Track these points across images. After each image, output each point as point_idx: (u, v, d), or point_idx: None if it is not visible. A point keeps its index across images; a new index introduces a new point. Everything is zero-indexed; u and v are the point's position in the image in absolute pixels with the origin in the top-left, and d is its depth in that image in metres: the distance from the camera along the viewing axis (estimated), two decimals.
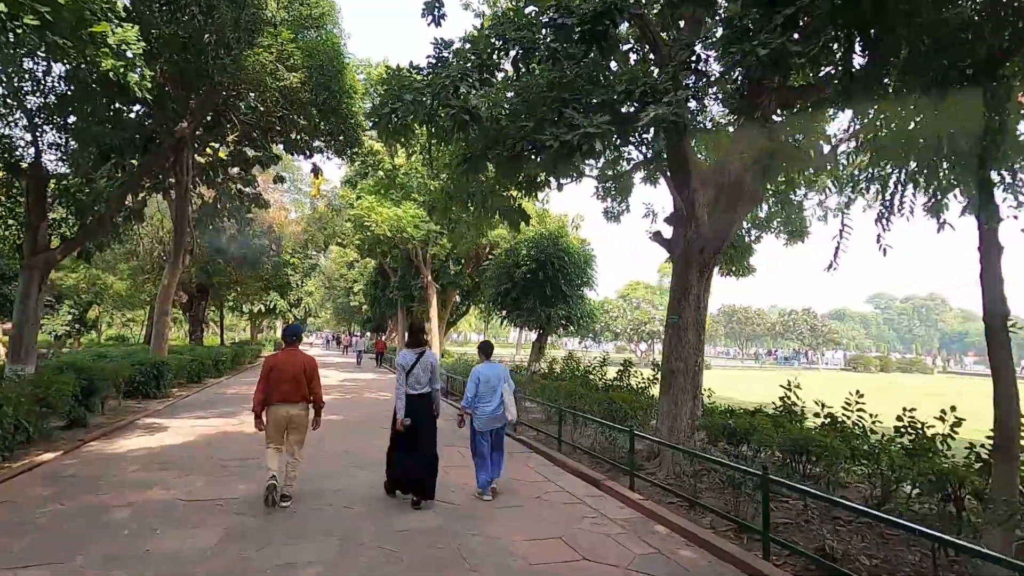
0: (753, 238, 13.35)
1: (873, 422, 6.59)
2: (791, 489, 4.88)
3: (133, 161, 15.49)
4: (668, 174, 9.19)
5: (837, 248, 6.61)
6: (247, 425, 9.83)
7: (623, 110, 7.76)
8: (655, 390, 11.46)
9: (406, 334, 6.42)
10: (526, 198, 11.70)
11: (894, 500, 5.59)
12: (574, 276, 19.25)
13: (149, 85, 6.67)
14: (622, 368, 12.74)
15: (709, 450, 8.46)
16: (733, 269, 14.85)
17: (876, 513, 4.20)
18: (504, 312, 20.01)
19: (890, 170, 6.01)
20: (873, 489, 5.84)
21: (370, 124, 8.62)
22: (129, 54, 6.17)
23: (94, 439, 8.52)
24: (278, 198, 25.87)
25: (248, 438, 8.71)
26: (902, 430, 5.95)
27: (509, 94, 8.84)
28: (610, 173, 12.89)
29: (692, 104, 8.61)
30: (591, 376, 14.01)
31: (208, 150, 17.13)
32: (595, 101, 7.45)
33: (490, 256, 21.91)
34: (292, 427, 5.59)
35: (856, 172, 8.19)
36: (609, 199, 14.89)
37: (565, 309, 18.93)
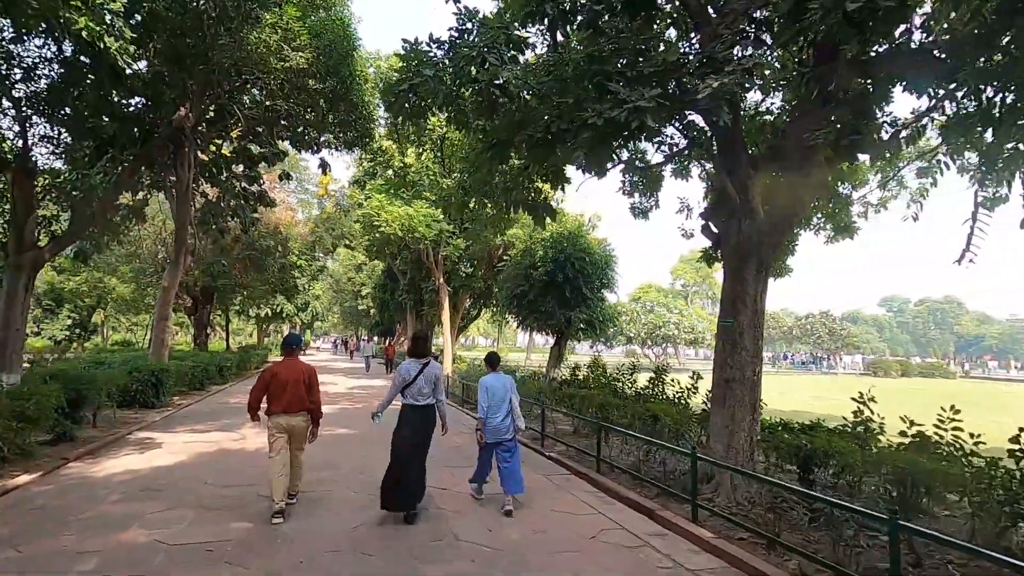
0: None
1: (976, 442, 5.56)
2: (926, 537, 3.85)
3: (132, 157, 14.76)
4: (715, 158, 8.22)
5: (970, 236, 5.58)
6: (249, 440, 8.93)
7: (672, 85, 6.83)
8: (696, 400, 10.47)
9: (410, 343, 6.20)
10: (553, 191, 10.77)
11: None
12: (594, 277, 18.26)
13: (132, 50, 5.79)
14: (654, 375, 11.75)
15: (773, 472, 7.47)
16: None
17: None
18: (520, 315, 19.04)
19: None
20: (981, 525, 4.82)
21: (384, 104, 7.67)
22: (108, 17, 5.31)
23: (78, 457, 7.63)
24: (284, 198, 25.09)
25: (250, 457, 7.80)
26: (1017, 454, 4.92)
27: (539, 76, 7.91)
28: (640, 164, 11.92)
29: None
30: (619, 384, 13.02)
31: (211, 147, 16.32)
32: (646, 72, 6.50)
33: (504, 257, 20.97)
34: (293, 436, 5.55)
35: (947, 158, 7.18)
36: (637, 194, 13.95)
37: (585, 312, 17.93)
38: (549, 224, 20.06)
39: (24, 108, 10.29)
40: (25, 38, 10.38)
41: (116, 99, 11.55)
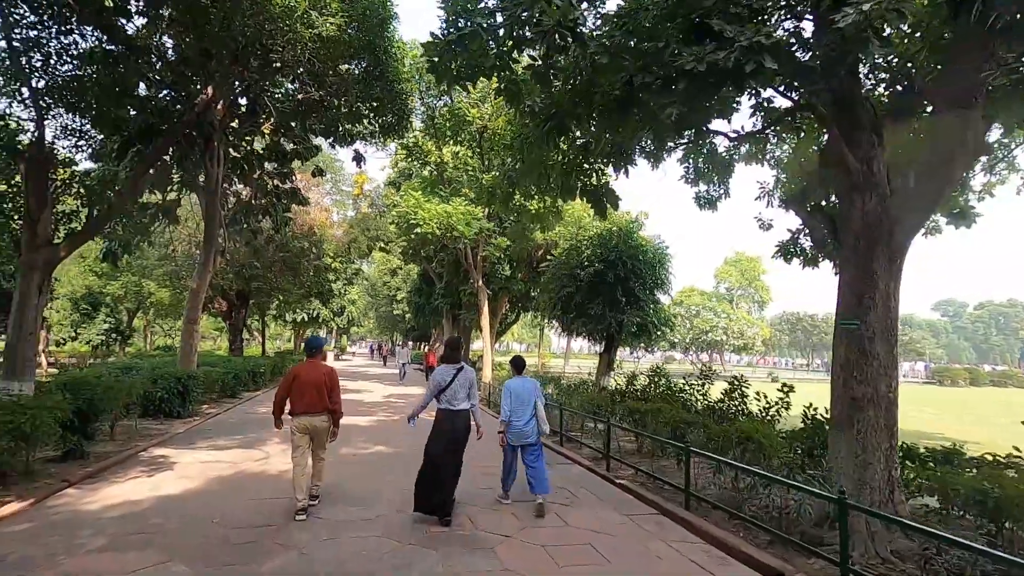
0: None
1: None
2: None
3: (167, 156, 14.09)
4: (828, 123, 6.71)
5: None
6: (272, 460, 7.84)
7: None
8: (788, 416, 8.89)
9: (442, 350, 6.45)
10: (616, 174, 9.40)
11: None
12: (647, 277, 16.73)
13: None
14: (730, 386, 10.19)
15: (924, 517, 5.90)
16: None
17: None
18: (566, 319, 17.62)
19: None
20: None
21: (428, 66, 6.47)
22: None
23: (81, 480, 6.65)
24: (319, 199, 24.40)
25: (270, 484, 6.67)
26: None
27: (610, 31, 6.59)
28: (732, 135, 10.45)
29: None
30: (685, 395, 11.51)
31: (243, 143, 15.57)
32: (756, 5, 5.10)
33: (548, 257, 19.62)
34: (315, 436, 5.75)
35: None
36: (702, 182, 12.46)
37: (638, 315, 16.41)
38: (598, 221, 18.61)
39: (43, 98, 9.57)
40: (43, 24, 9.72)
41: (138, 88, 10.82)
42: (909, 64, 7.21)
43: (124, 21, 10.00)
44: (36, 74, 9.68)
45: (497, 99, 16.92)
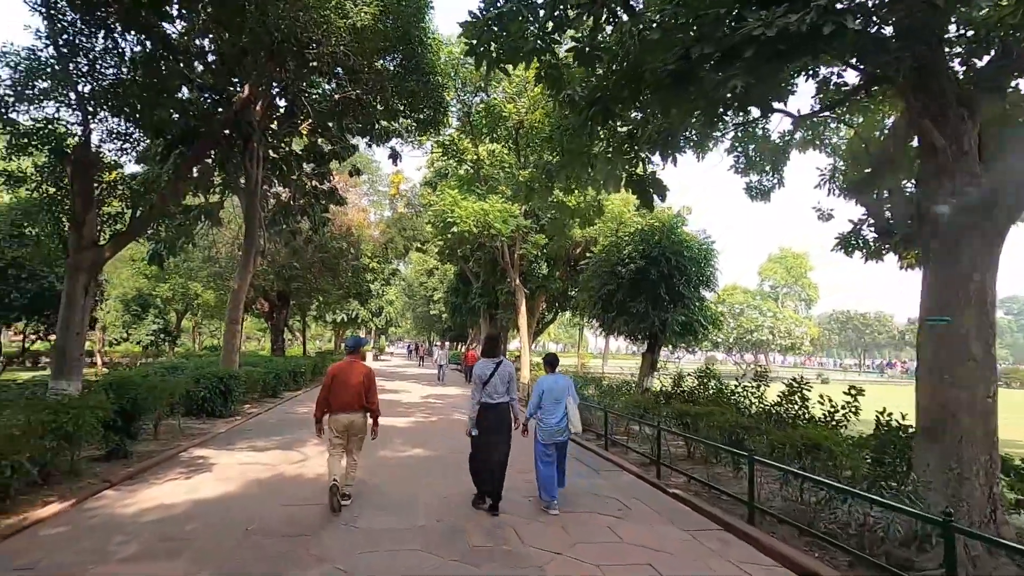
0: None
1: None
2: None
3: (209, 159, 14.28)
4: (907, 98, 6.03)
5: None
6: (310, 463, 7.65)
7: None
8: (859, 419, 8.16)
9: (483, 343, 6.54)
10: (663, 163, 8.87)
11: None
12: (693, 274, 15.99)
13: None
14: (789, 388, 9.48)
15: None
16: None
17: None
18: (606, 318, 17.05)
19: None
20: None
21: (466, 48, 6.13)
22: None
23: (121, 481, 6.60)
24: (356, 200, 24.54)
25: (308, 487, 6.46)
26: None
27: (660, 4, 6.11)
28: (792, 115, 9.78)
29: None
30: (737, 397, 10.84)
31: (282, 144, 15.67)
32: None
33: (587, 255, 19.09)
34: (352, 434, 5.84)
35: None
36: (753, 172, 11.76)
37: (683, 313, 15.70)
38: (638, 217, 17.97)
39: (89, 102, 9.71)
40: (88, 29, 9.88)
41: (179, 91, 10.89)
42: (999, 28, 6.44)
43: (164, 24, 10.10)
44: (82, 78, 9.85)
45: (535, 90, 16.51)
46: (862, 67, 6.26)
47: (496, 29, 5.97)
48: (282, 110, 15.38)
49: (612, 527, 5.22)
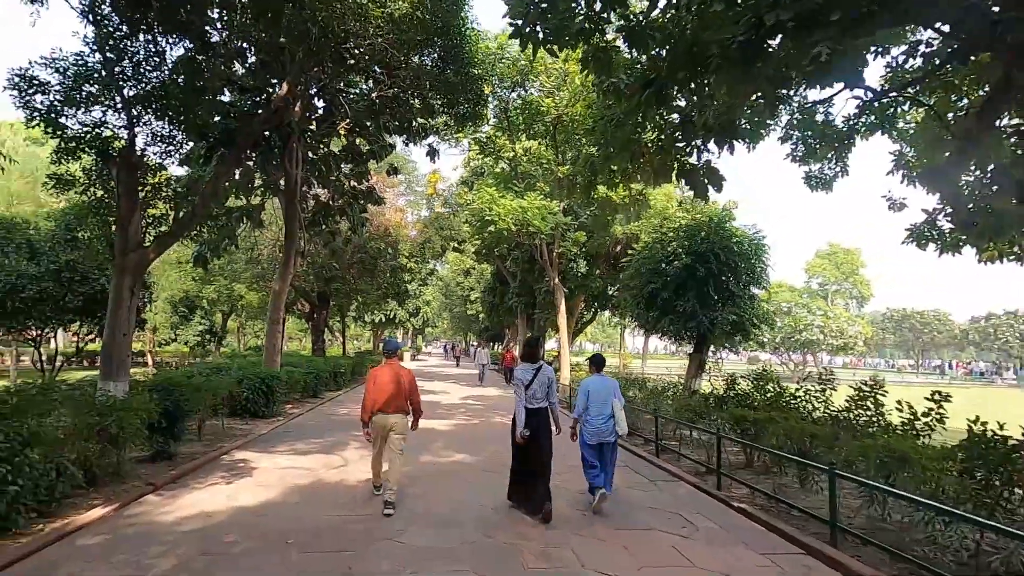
0: None
1: None
2: None
3: (250, 162, 14.39)
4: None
5: None
6: (351, 468, 7.42)
7: None
8: (952, 427, 7.38)
9: (522, 348, 6.67)
10: (719, 151, 8.28)
11: None
12: (743, 271, 15.21)
13: None
14: (859, 392, 8.70)
15: None
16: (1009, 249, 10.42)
17: None
18: (650, 318, 16.41)
19: None
20: None
21: (511, 28, 5.73)
22: None
23: (163, 485, 6.50)
24: (393, 200, 24.55)
25: (349, 495, 6.20)
26: None
27: None
28: (868, 90, 9.04)
29: None
30: (797, 402, 10.10)
31: (320, 145, 15.68)
32: None
33: (629, 252, 18.48)
34: (392, 433, 5.87)
35: None
36: (813, 160, 11.01)
37: (733, 312, 14.94)
38: (684, 212, 17.26)
39: (134, 106, 9.79)
40: (134, 35, 9.97)
41: (221, 93, 10.93)
42: None
43: (206, 28, 10.13)
44: (127, 82, 9.95)
45: (576, 82, 16.01)
46: (952, 35, 5.57)
47: (544, 7, 5.56)
48: (320, 111, 15.39)
49: (679, 547, 4.73)
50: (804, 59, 4.38)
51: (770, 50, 5.05)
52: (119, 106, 9.87)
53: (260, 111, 12.08)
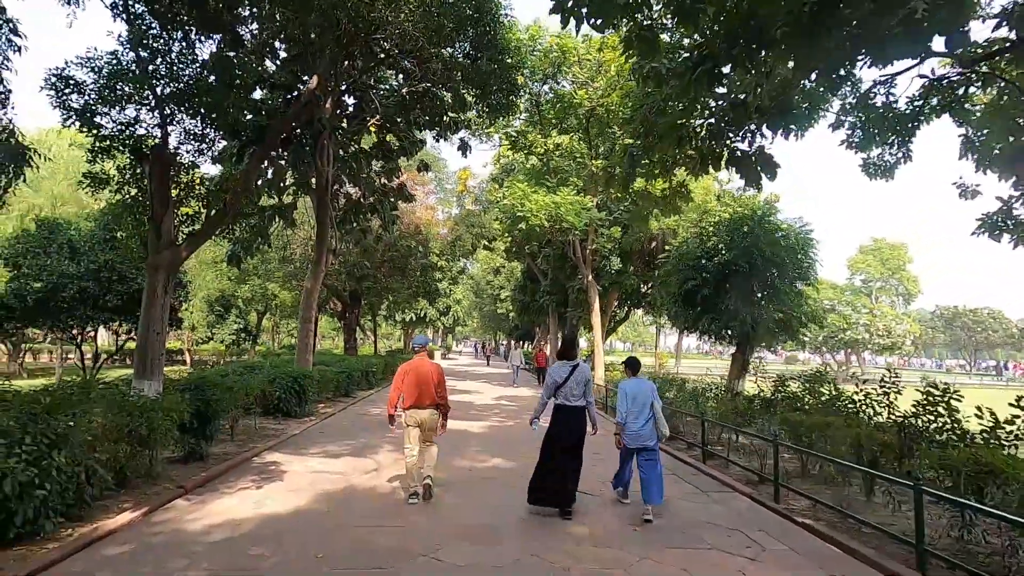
0: None
1: None
2: None
3: (282, 160, 14.35)
4: None
5: None
6: (383, 472, 7.14)
7: None
8: None
9: (559, 346, 6.57)
10: (772, 136, 7.69)
11: None
12: (789, 266, 14.42)
13: None
14: (928, 395, 7.95)
15: None
16: None
17: None
18: (689, 316, 15.75)
19: None
20: None
21: (551, 5, 5.30)
22: None
23: (194, 488, 6.32)
24: (423, 199, 24.39)
25: (380, 503, 5.89)
26: None
27: None
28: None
29: None
30: (855, 405, 9.39)
31: (351, 143, 15.55)
32: None
33: (666, 248, 17.82)
34: (424, 428, 6.00)
35: None
36: (873, 146, 10.26)
37: (780, 310, 14.18)
38: (726, 205, 16.53)
39: (168, 104, 9.75)
40: (168, 34, 9.94)
41: (253, 91, 10.81)
42: None
43: (237, 25, 10.02)
44: (160, 80, 9.92)
45: (616, 67, 15.45)
46: None
47: None
48: (351, 108, 15.25)
49: (747, 573, 4.23)
50: (892, 19, 3.82)
51: (843, 15, 4.50)
52: (152, 104, 9.84)
53: (290, 107, 11.97)
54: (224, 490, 6.25)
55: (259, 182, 12.95)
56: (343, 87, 14.18)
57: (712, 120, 7.34)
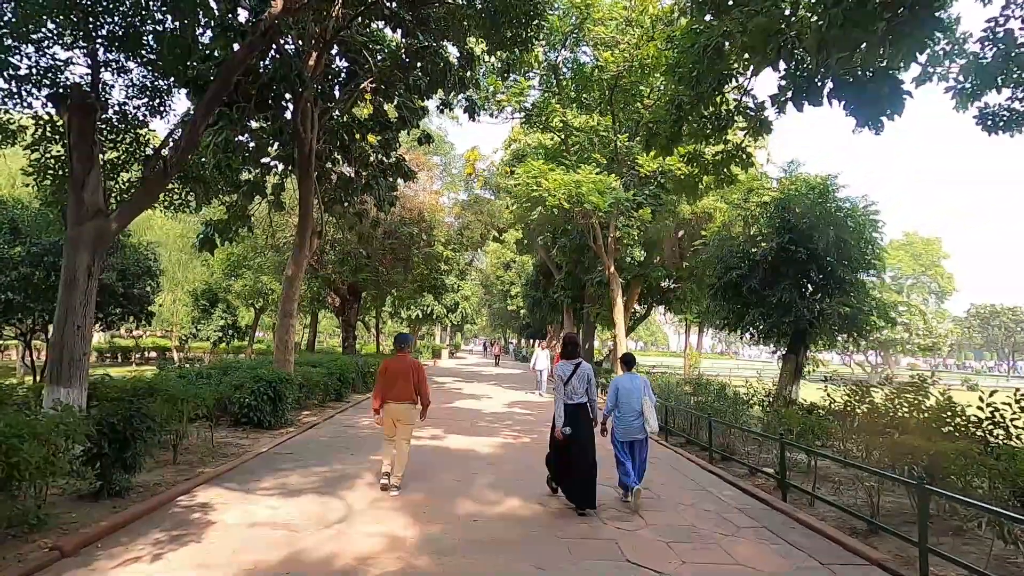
0: None
1: None
2: None
3: (266, 132, 12.39)
4: None
5: None
6: (353, 524, 5.05)
7: None
8: None
9: (562, 345, 6.74)
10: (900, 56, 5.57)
11: None
12: (854, 252, 12.20)
13: None
14: None
15: None
16: None
17: None
18: (732, 312, 13.56)
19: None
20: None
21: None
22: None
23: (81, 546, 4.36)
24: (428, 184, 22.26)
25: None
26: None
27: None
28: None
29: None
30: (961, 420, 7.20)
31: (344, 115, 13.54)
32: None
33: (704, 234, 15.64)
34: (401, 422, 6.25)
35: None
36: (993, 89, 8.14)
37: (846, 303, 11.96)
38: (771, 185, 14.30)
39: (97, 40, 7.75)
40: None
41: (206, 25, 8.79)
42: None
43: None
44: (90, 15, 7.95)
45: (656, 6, 13.28)
46: None
47: None
48: (343, 73, 13.24)
49: None
50: None
51: None
52: (81, 44, 7.87)
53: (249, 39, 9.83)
54: (117, 552, 4.23)
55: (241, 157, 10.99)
56: (333, 48, 12.18)
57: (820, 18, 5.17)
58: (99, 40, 7.87)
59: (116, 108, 8.60)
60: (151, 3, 7.97)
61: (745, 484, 7.53)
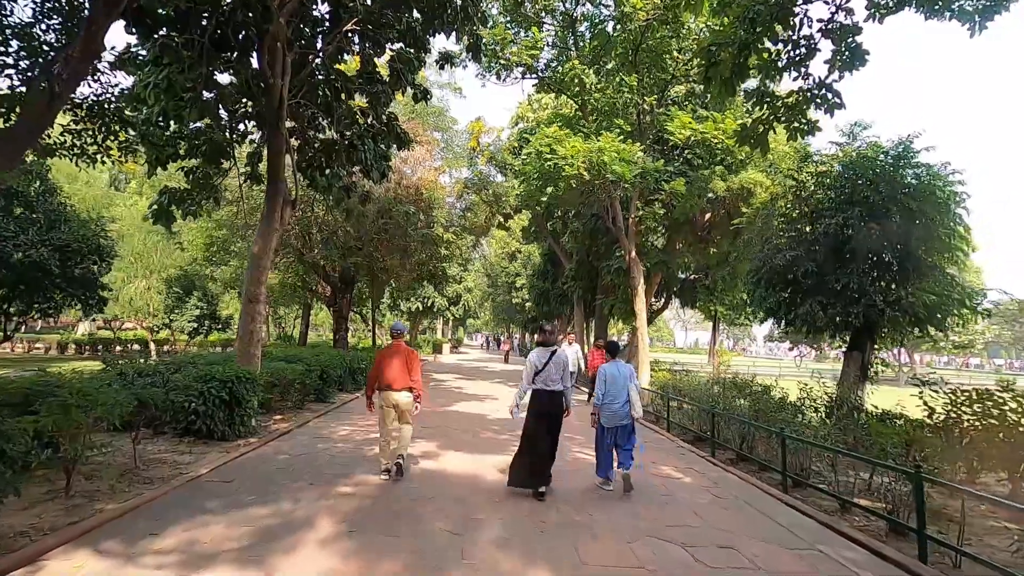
0: None
1: None
2: None
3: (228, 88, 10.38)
4: None
5: None
6: None
7: None
8: None
9: (537, 336, 7.38)
10: None
11: None
12: (940, 230, 10.10)
13: None
14: None
15: None
16: None
17: None
18: (784, 304, 11.46)
19: None
20: None
21: None
22: None
23: None
24: (427, 159, 20.06)
25: None
26: None
27: None
28: None
29: None
30: None
31: (328, 71, 11.48)
32: None
33: (744, 211, 13.54)
34: (398, 411, 6.37)
35: None
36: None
37: (932, 291, 9.88)
38: (837, 150, 12.23)
39: None
40: None
41: None
42: None
43: None
44: None
45: None
46: None
47: None
48: (327, 19, 11.20)
49: None
50: None
51: None
52: None
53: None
54: None
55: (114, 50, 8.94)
56: None
57: None
58: None
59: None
60: None
61: (833, 521, 5.55)
